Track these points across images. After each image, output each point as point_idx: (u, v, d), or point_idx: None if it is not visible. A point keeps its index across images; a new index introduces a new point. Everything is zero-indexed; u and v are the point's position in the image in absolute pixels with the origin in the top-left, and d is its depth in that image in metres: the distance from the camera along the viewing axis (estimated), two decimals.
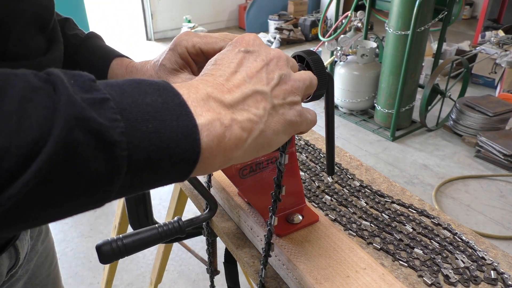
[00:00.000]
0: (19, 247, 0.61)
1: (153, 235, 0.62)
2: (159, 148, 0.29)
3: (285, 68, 0.41)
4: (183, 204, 1.25)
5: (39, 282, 0.73)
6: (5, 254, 0.58)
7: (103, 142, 0.27)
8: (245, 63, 0.39)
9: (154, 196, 2.55)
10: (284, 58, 0.41)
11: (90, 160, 0.26)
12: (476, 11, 7.02)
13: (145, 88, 0.31)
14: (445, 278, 0.63)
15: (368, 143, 3.29)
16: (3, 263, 0.58)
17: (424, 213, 0.77)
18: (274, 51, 0.41)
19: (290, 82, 0.40)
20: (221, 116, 0.34)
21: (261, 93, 0.37)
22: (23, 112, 0.24)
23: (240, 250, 0.69)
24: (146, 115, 0.29)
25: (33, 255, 0.69)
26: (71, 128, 0.25)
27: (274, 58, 0.40)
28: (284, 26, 5.89)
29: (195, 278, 2.05)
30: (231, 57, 0.39)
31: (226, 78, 0.37)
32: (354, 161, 0.94)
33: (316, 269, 0.58)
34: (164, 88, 0.33)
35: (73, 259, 2.14)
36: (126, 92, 0.30)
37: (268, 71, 0.39)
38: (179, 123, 0.31)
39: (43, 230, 0.73)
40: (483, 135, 3.02)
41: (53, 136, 0.25)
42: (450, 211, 2.52)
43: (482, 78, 4.31)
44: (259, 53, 0.40)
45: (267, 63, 0.40)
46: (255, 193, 0.66)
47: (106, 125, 0.27)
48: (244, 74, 0.38)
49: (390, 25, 3.12)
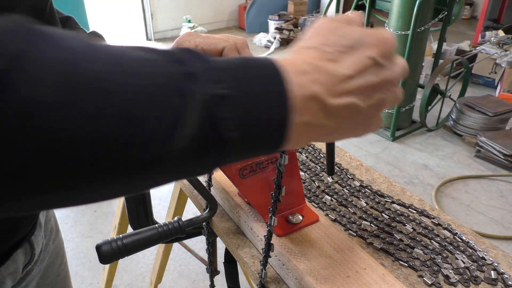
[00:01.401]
0: (34, 243, 0.62)
1: (153, 235, 0.61)
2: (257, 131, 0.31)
3: (392, 90, 0.38)
4: (183, 204, 1.25)
5: (50, 281, 0.74)
6: (21, 250, 0.59)
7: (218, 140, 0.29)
8: (367, 74, 0.35)
9: (154, 196, 2.55)
10: (398, 78, 0.38)
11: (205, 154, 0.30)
12: (476, 11, 7.02)
13: (254, 72, 0.31)
14: (445, 278, 0.63)
15: (368, 143, 3.29)
16: (19, 259, 0.59)
17: (424, 213, 0.77)
18: (399, 69, 0.38)
19: (384, 94, 0.38)
20: (315, 119, 0.34)
21: (357, 107, 0.36)
22: None
23: (240, 250, 0.69)
24: (253, 102, 0.30)
25: (46, 254, 0.70)
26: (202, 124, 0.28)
27: (392, 80, 0.37)
28: (284, 26, 5.88)
29: (195, 278, 2.05)
30: (357, 57, 0.35)
31: (340, 79, 0.34)
32: (354, 161, 0.94)
33: (316, 269, 0.58)
34: (272, 76, 0.32)
35: (73, 259, 2.13)
36: (238, 79, 0.31)
37: (379, 90, 0.37)
38: (273, 115, 0.31)
39: (53, 229, 0.74)
40: (483, 135, 3.02)
41: None
42: (450, 211, 2.52)
43: (482, 78, 4.31)
44: (386, 68, 0.37)
45: (385, 83, 0.37)
46: (255, 193, 0.66)
47: (223, 127, 0.29)
48: (358, 84, 0.35)
49: (390, 25, 3.12)
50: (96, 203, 1.09)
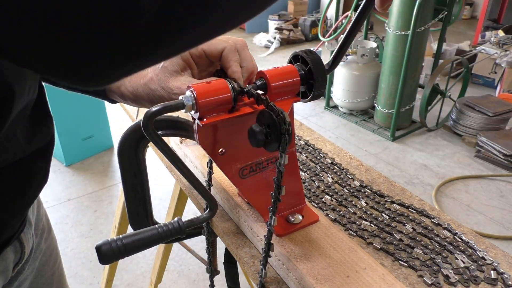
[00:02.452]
0: (24, 241, 0.61)
1: (153, 235, 0.61)
2: None
3: None
4: (183, 204, 1.25)
5: (44, 281, 0.74)
6: (11, 248, 0.59)
7: None
8: None
9: (154, 196, 2.55)
10: None
11: None
12: (476, 11, 7.02)
13: None
14: (445, 278, 0.63)
15: (368, 143, 3.29)
16: (9, 257, 0.59)
17: (424, 213, 0.77)
18: None
19: None
20: None
21: None
22: None
23: (240, 250, 0.69)
24: None
25: (38, 253, 0.70)
26: None
27: None
28: (284, 26, 5.89)
29: (195, 278, 2.05)
30: None
31: None
32: (354, 161, 0.94)
33: (316, 269, 0.58)
34: None
35: (73, 259, 2.14)
36: None
37: None
38: None
39: (45, 228, 0.74)
40: (483, 135, 3.02)
41: None
42: (450, 211, 2.52)
43: (482, 78, 4.31)
44: None
45: None
46: (255, 193, 0.66)
47: None
48: None
49: (390, 25, 3.12)
50: (96, 203, 1.09)
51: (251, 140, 0.53)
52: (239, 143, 0.61)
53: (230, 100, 0.54)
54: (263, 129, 0.52)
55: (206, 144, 0.58)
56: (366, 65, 3.43)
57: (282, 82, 0.58)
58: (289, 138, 0.50)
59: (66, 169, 2.88)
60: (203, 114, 0.54)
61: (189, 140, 0.90)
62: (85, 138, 2.95)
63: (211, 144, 0.59)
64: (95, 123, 2.97)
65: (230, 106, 0.55)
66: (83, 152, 2.99)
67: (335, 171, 0.89)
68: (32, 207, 0.67)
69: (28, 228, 0.63)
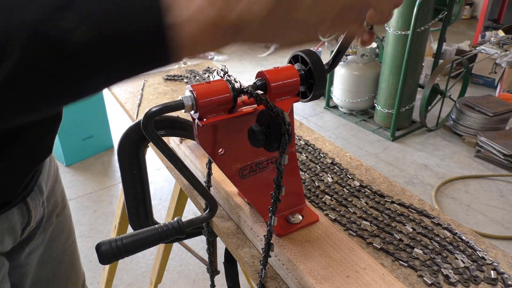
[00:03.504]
0: (30, 205, 0.62)
1: (153, 235, 0.61)
2: None
3: None
4: (183, 204, 1.25)
5: (55, 256, 0.75)
6: (16, 210, 0.60)
7: None
8: None
9: (154, 196, 2.55)
10: None
11: None
12: (476, 11, 7.02)
13: None
14: (445, 278, 0.63)
15: (368, 143, 3.29)
16: (14, 218, 0.60)
17: (424, 213, 0.77)
18: None
19: None
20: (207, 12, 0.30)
21: None
22: None
23: (240, 250, 0.69)
24: None
25: (48, 225, 0.72)
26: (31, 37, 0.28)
27: None
28: None
29: (195, 278, 2.05)
30: None
31: None
32: (354, 161, 0.94)
33: (316, 269, 0.58)
34: None
35: None
36: None
37: None
38: None
39: (58, 204, 0.76)
40: (483, 135, 3.02)
41: None
42: (450, 211, 2.52)
43: (482, 78, 4.31)
44: None
45: None
46: (255, 193, 0.66)
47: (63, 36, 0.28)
48: None
49: (390, 25, 3.12)
50: (96, 203, 1.10)
51: (251, 140, 0.53)
52: (239, 143, 0.61)
53: (230, 100, 0.54)
54: (263, 129, 0.52)
55: (206, 144, 0.58)
56: (366, 65, 3.43)
57: (282, 82, 0.58)
58: (289, 138, 0.50)
59: (66, 169, 2.88)
60: (203, 114, 0.54)
61: (189, 140, 0.90)
62: (85, 138, 2.95)
63: (211, 144, 0.59)
64: (95, 123, 2.97)
65: (230, 106, 0.55)
66: (83, 152, 2.99)
67: (335, 171, 0.89)
68: (46, 179, 0.69)
69: (38, 195, 0.65)
